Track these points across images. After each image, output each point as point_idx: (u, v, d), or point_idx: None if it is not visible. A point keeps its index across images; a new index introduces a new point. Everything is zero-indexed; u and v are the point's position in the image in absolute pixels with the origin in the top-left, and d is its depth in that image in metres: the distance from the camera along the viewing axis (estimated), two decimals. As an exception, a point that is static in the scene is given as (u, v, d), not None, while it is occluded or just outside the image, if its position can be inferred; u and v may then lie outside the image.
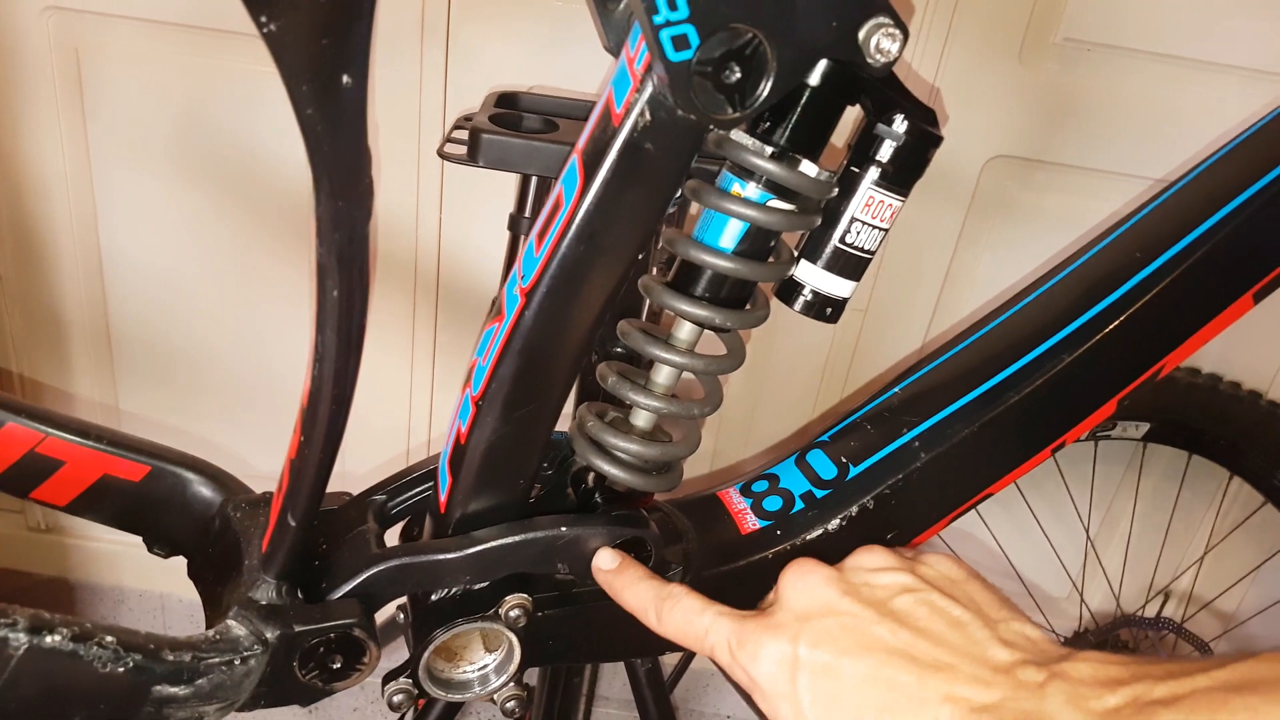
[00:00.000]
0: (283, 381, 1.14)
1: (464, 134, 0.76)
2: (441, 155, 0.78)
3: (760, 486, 0.64)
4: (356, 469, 1.17)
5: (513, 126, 0.77)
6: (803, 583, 0.46)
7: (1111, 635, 1.18)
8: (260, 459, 1.16)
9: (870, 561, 0.47)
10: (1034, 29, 0.95)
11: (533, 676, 1.01)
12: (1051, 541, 1.19)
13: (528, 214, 0.82)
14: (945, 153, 0.98)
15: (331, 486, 0.56)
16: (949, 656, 0.42)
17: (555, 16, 0.93)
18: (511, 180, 0.81)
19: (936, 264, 1.08)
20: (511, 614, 0.54)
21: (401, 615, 0.58)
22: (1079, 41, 0.95)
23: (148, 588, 1.33)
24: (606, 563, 0.55)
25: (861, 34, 0.44)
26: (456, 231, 1.05)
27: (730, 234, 0.52)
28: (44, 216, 1.05)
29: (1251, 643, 1.30)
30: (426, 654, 0.54)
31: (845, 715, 0.41)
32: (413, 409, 1.16)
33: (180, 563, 0.59)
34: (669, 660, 1.14)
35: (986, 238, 1.05)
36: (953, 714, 0.39)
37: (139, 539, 0.59)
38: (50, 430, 0.54)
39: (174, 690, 0.46)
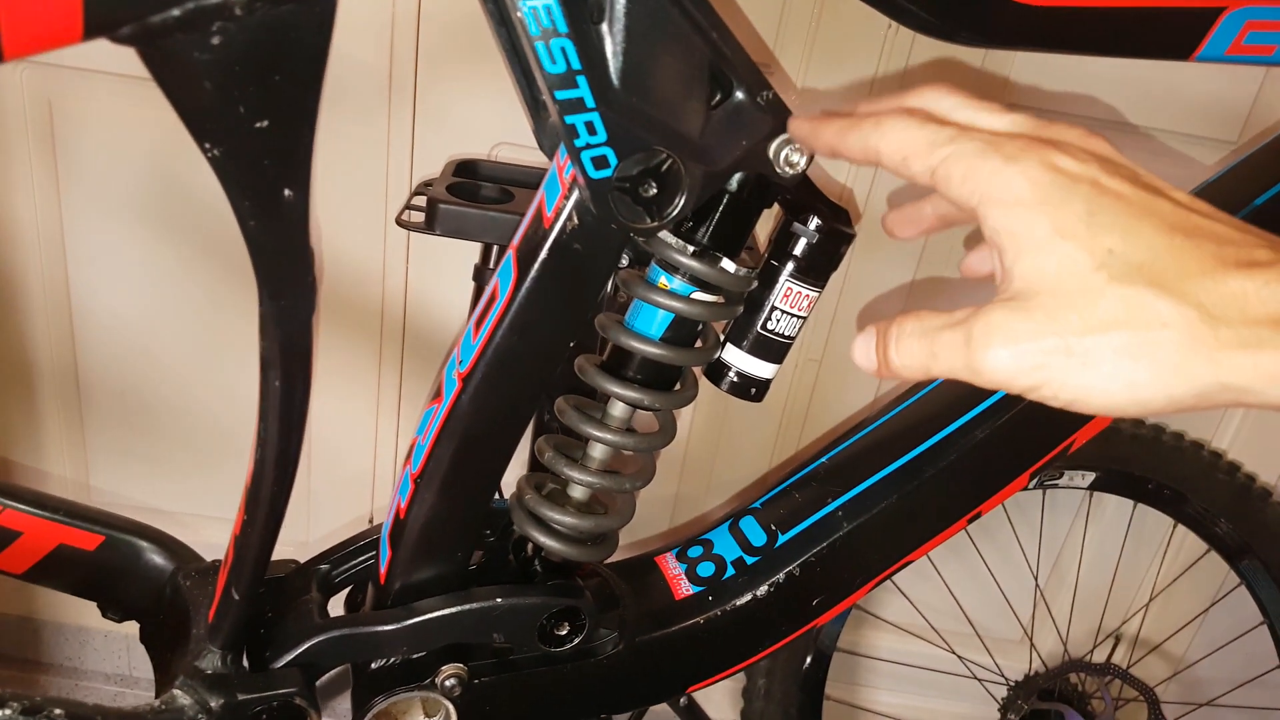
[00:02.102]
0: (245, 424, 1.15)
1: (423, 200, 0.78)
2: (400, 223, 0.80)
3: (695, 552, 0.67)
4: (320, 517, 1.19)
5: (470, 195, 0.80)
6: (1090, 140, 0.39)
7: (1060, 679, 1.21)
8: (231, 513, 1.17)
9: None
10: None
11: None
12: (1002, 587, 1.22)
13: (491, 266, 0.84)
14: (892, 215, 1.02)
15: (289, 541, 0.58)
16: (1244, 235, 0.35)
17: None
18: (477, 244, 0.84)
19: (888, 318, 1.11)
20: (447, 683, 0.57)
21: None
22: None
23: (112, 629, 1.33)
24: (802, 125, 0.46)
25: (771, 150, 0.48)
26: (423, 284, 1.06)
27: (658, 322, 0.55)
28: (14, 270, 1.05)
29: (1198, 687, 1.32)
30: (366, 720, 0.57)
31: (1129, 230, 0.35)
32: (378, 456, 1.18)
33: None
34: None
35: (934, 295, 1.09)
36: (1269, 255, 0.34)
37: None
38: (8, 502, 0.56)
39: (119, 760, 0.48)
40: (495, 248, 0.84)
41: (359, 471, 1.19)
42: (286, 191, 0.42)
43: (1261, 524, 1.12)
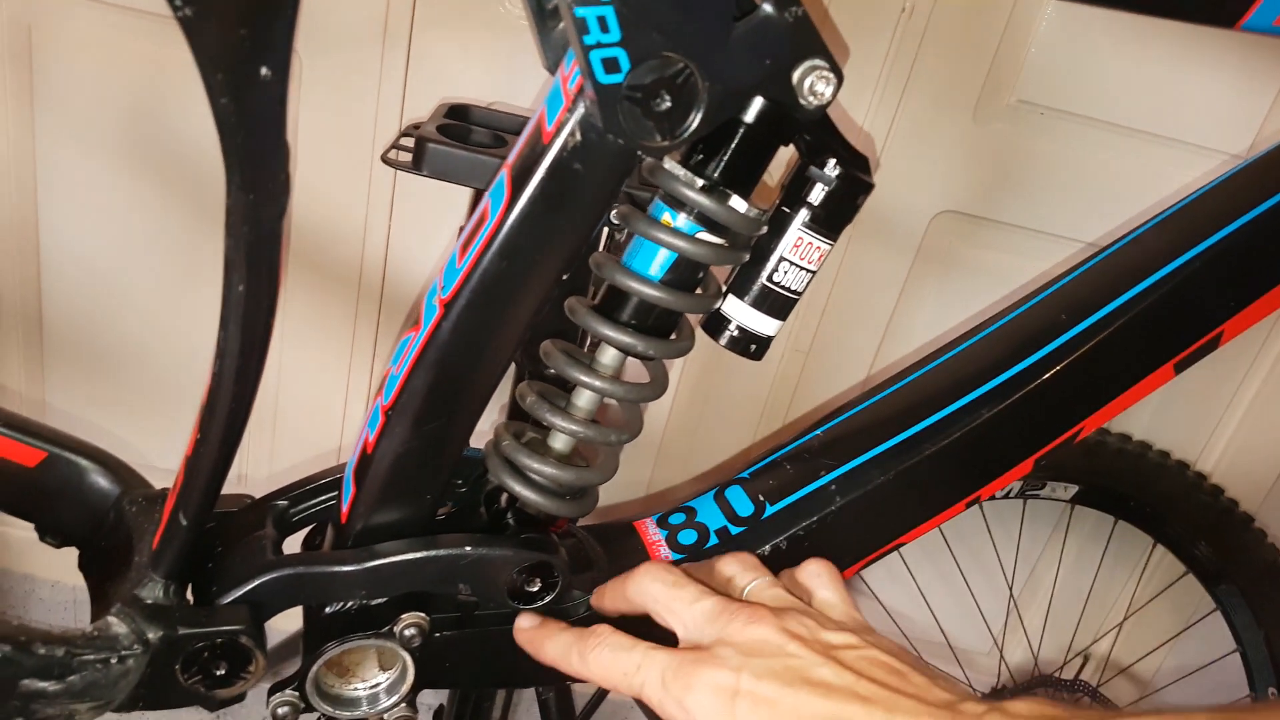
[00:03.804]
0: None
1: (411, 141, 0.75)
2: (385, 161, 0.77)
3: (677, 519, 0.63)
4: (283, 468, 1.15)
5: (460, 138, 0.77)
6: (750, 627, 0.46)
7: (1028, 694, 1.18)
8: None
9: (814, 620, 0.48)
10: (989, 88, 0.96)
11: (443, 697, 0.99)
12: (975, 596, 1.20)
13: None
14: (895, 203, 1.00)
15: (254, 488, 0.55)
16: (891, 695, 0.42)
17: (518, 34, 0.93)
18: (463, 193, 0.81)
19: (880, 310, 1.08)
20: (406, 633, 0.53)
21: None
22: (1032, 104, 0.97)
23: (60, 579, 1.29)
24: (526, 624, 0.55)
25: (795, 75, 0.45)
26: (406, 239, 1.04)
27: (658, 263, 0.52)
28: (-18, 199, 1.02)
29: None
30: (315, 667, 0.52)
31: None
32: (347, 415, 1.15)
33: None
34: (584, 690, 1.12)
35: (930, 289, 1.06)
36: None
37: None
38: (-58, 408, 0.52)
39: (43, 685, 0.44)
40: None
41: (325, 430, 1.15)
42: (264, 70, 0.39)
43: (1241, 550, 1.11)
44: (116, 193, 1.01)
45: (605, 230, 0.70)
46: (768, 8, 0.43)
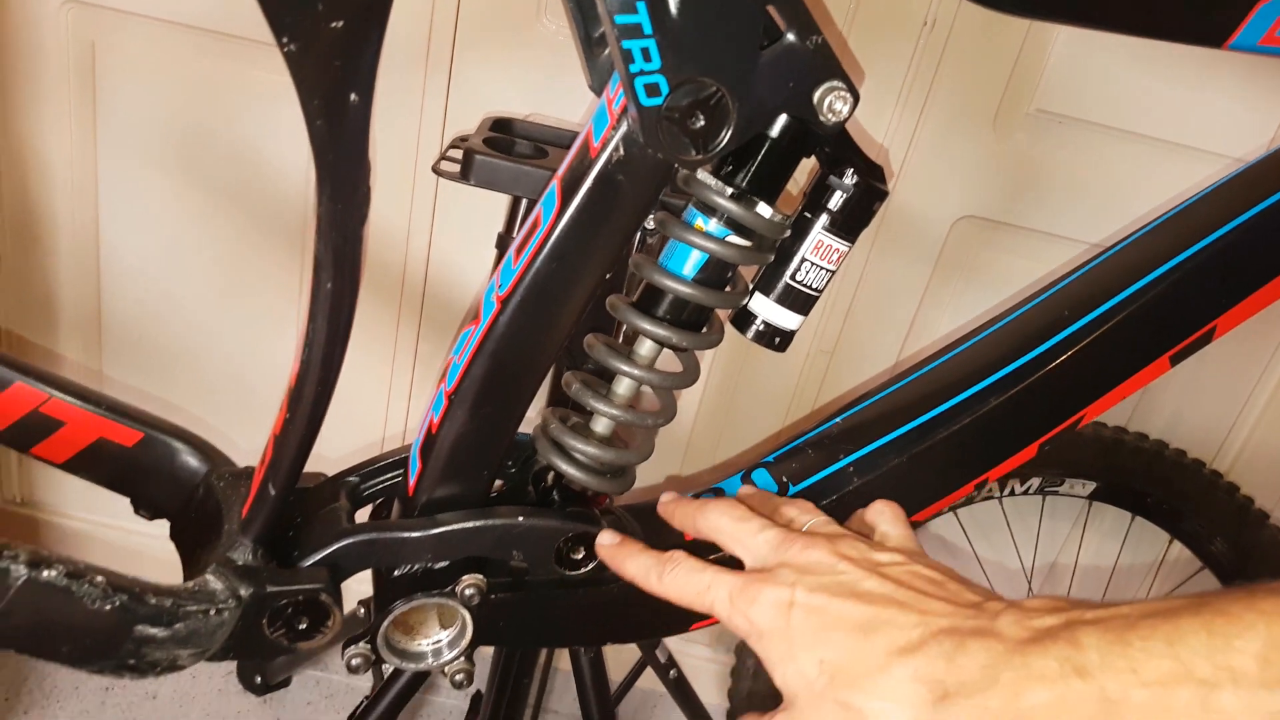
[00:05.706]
0: (261, 376, 1.18)
1: (458, 153, 0.81)
2: (436, 171, 0.83)
3: (706, 499, 0.68)
4: (330, 455, 1.21)
5: (505, 150, 0.82)
6: (807, 551, 0.52)
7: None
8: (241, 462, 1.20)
9: (866, 544, 0.54)
10: (1009, 98, 1.00)
11: (481, 684, 1.04)
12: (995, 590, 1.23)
13: (515, 234, 0.87)
14: (917, 208, 1.05)
15: (308, 469, 0.61)
16: (926, 600, 0.48)
17: (554, 50, 0.98)
18: (501, 201, 0.86)
19: (903, 312, 1.13)
20: (467, 592, 0.59)
21: (362, 610, 0.63)
22: (1050, 113, 1.01)
23: (116, 568, 1.35)
24: (608, 540, 0.61)
25: (816, 95, 0.50)
26: (446, 246, 1.09)
27: (691, 263, 0.57)
28: (47, 202, 1.07)
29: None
30: (385, 624, 0.59)
31: (828, 641, 0.48)
32: (390, 410, 1.20)
33: (146, 545, 0.63)
34: (615, 674, 1.17)
35: (951, 291, 1.11)
36: (921, 634, 0.46)
37: (109, 519, 0.63)
38: (54, 392, 0.58)
39: (153, 631, 0.50)
40: (521, 215, 0.86)
41: (368, 422, 1.20)
42: (353, 96, 0.45)
43: (1257, 545, 1.13)
44: (172, 203, 1.06)
45: (639, 233, 0.76)
46: (790, 36, 0.48)
